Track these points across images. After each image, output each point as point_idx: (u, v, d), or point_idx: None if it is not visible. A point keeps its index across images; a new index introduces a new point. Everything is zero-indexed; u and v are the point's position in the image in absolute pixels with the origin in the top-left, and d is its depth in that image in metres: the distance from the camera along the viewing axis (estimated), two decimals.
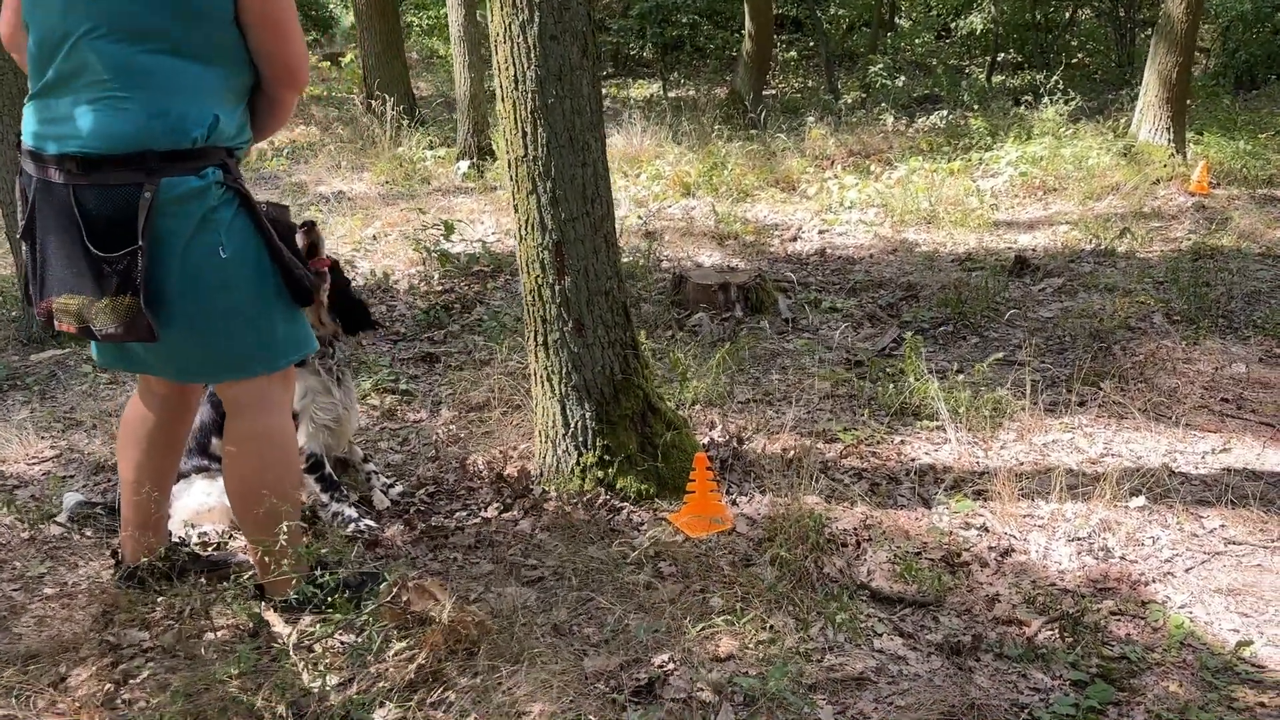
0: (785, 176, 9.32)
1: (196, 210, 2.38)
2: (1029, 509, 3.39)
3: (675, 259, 6.89)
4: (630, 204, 8.76)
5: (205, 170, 2.38)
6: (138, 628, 2.78)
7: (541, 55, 3.09)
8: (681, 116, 12.98)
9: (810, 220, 7.87)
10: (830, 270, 6.47)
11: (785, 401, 4.37)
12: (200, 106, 2.38)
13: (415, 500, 3.52)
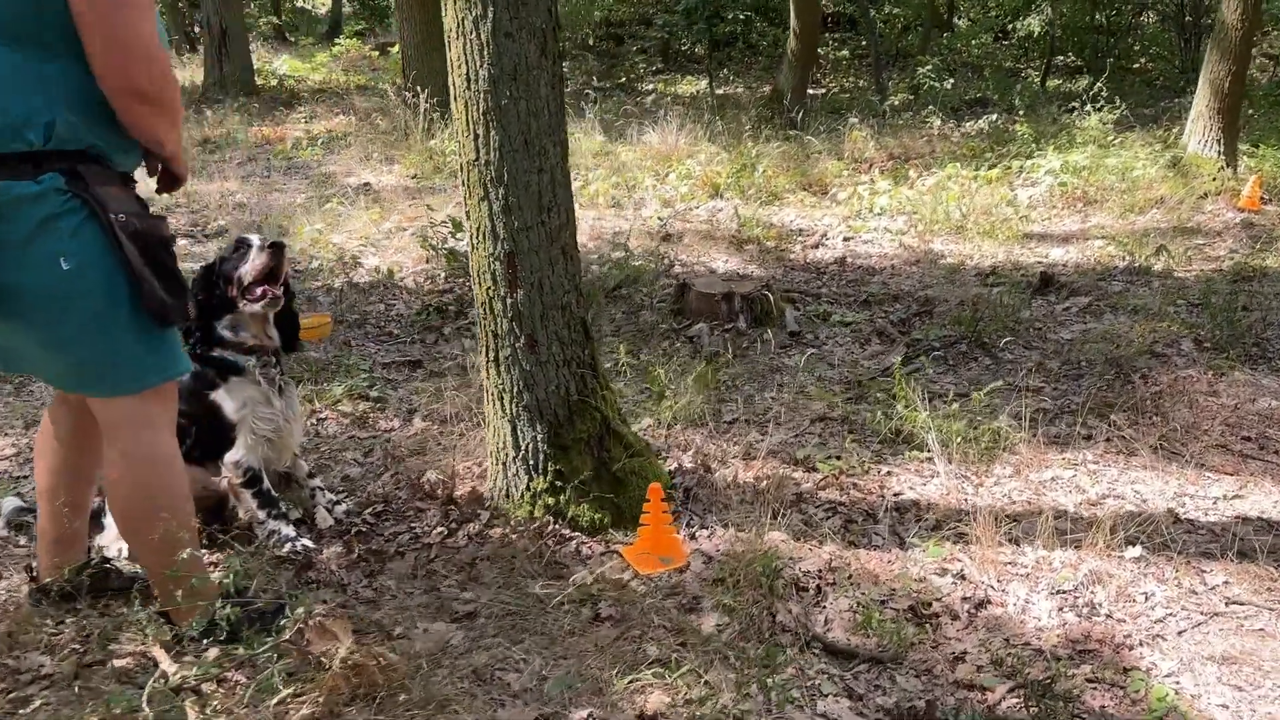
0: (818, 179, 9.05)
1: (32, 216, 2.18)
2: (1012, 555, 3.13)
3: (690, 264, 6.66)
4: (657, 204, 8.55)
5: (43, 176, 2.18)
6: (40, 651, 2.62)
7: (495, 53, 2.89)
8: (722, 115, 12.75)
9: (836, 226, 7.59)
10: (847, 280, 6.20)
11: (773, 423, 4.13)
12: (39, 106, 2.17)
13: (360, 520, 3.33)
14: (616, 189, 8.81)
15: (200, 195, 8.99)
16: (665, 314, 5.42)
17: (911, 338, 5.09)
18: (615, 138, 10.82)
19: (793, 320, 5.30)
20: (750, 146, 9.89)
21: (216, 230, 7.79)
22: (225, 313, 3.13)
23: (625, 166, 9.59)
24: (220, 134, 11.86)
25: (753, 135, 10.97)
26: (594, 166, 9.62)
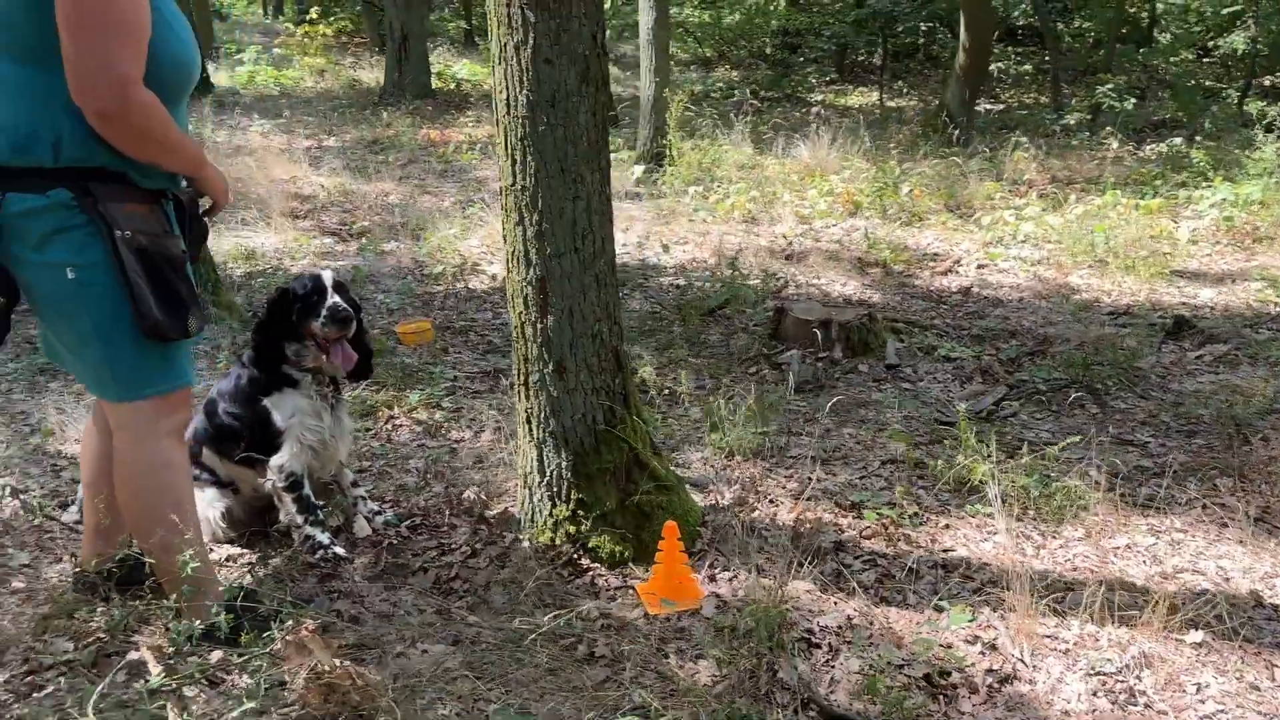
0: (967, 201, 8.69)
1: (38, 228, 2.31)
2: (1054, 628, 2.90)
3: (805, 285, 6.51)
4: (793, 220, 8.41)
5: (52, 190, 2.30)
6: (67, 638, 2.77)
7: (534, 79, 2.88)
8: (884, 129, 12.43)
9: (973, 253, 7.27)
10: (966, 312, 5.92)
11: (841, 462, 3.98)
12: (44, 122, 2.28)
13: (395, 532, 3.39)
14: (753, 203, 8.71)
15: (356, 195, 9.39)
16: (761, 338, 5.30)
17: (1016, 378, 4.80)
18: (764, 150, 10.70)
19: (893, 352, 5.09)
20: (899, 164, 9.59)
21: (360, 230, 8.10)
22: (294, 341, 3.23)
23: (768, 180, 9.47)
24: (388, 136, 12.35)
25: (908, 152, 10.65)
26: (736, 179, 9.54)
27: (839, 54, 18.89)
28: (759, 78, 18.20)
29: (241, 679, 2.52)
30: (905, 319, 5.64)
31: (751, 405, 4.01)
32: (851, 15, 16.59)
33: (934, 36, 19.24)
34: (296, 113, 14.04)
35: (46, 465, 3.91)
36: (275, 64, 18.40)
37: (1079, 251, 6.84)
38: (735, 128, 11.14)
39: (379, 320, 5.80)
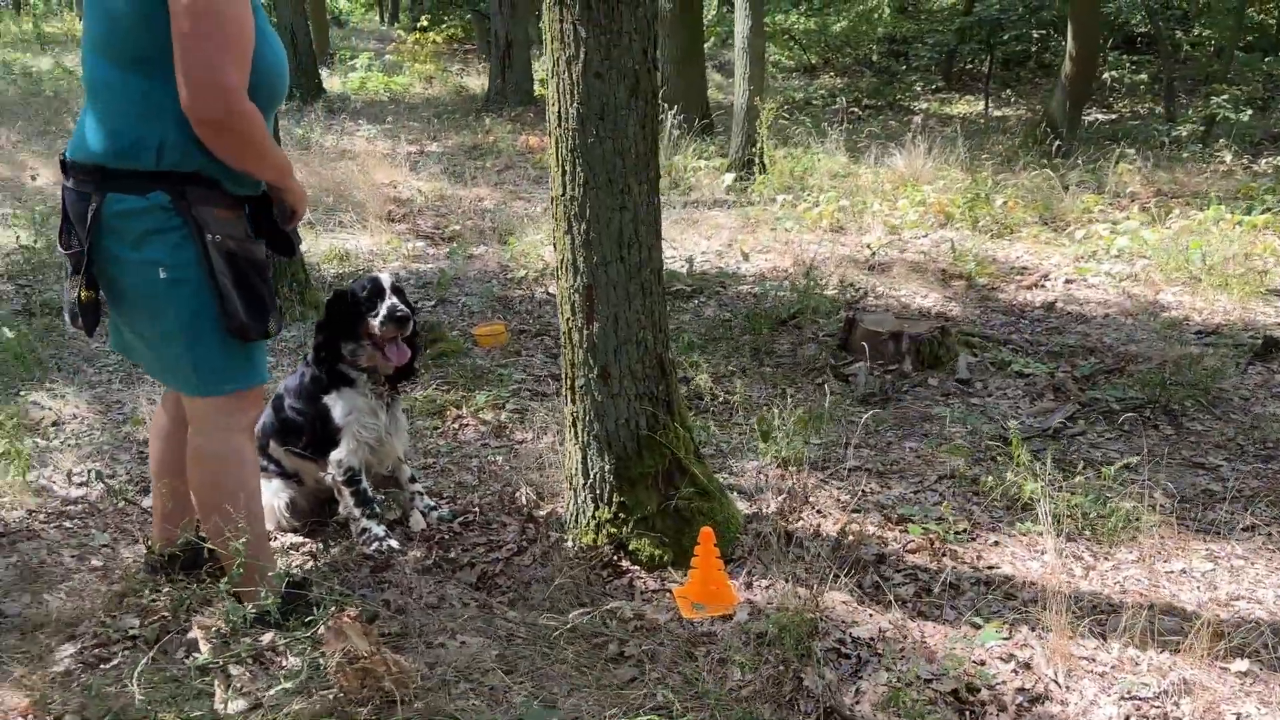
0: (1061, 214, 8.50)
1: (135, 228, 2.47)
2: (1093, 650, 2.86)
3: (884, 296, 6.47)
4: (881, 230, 8.35)
5: (151, 192, 2.46)
6: (134, 615, 2.96)
7: (584, 93, 2.97)
8: (985, 138, 12.22)
9: (1062, 267, 7.11)
10: (1046, 327, 5.81)
11: (898, 476, 3.97)
12: (150, 128, 2.44)
13: (448, 528, 3.51)
14: (842, 213, 8.67)
15: (452, 199, 9.64)
16: (830, 349, 5.30)
17: (1089, 396, 4.71)
18: (859, 159, 10.62)
19: (965, 366, 5.04)
20: (995, 174, 9.42)
21: (453, 234, 8.32)
22: (350, 340, 3.38)
23: (860, 189, 9.41)
24: (488, 142, 12.63)
25: (1007, 162, 10.46)
26: (827, 188, 9.50)
27: (946, 62, 18.61)
28: (862, 85, 18.04)
29: (287, 661, 2.65)
30: (981, 333, 5.57)
31: (802, 415, 4.02)
32: (957, 23, 16.30)
33: (1046, 44, 18.78)
34: (402, 118, 14.44)
35: (134, 452, 4.14)
36: (386, 70, 18.94)
37: (1172, 268, 6.64)
38: (830, 136, 11.09)
39: (459, 322, 5.97)
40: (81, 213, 2.49)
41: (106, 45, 2.46)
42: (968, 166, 9.93)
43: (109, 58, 2.46)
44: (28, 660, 2.70)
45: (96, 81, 2.50)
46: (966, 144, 10.65)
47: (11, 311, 5.70)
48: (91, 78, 2.51)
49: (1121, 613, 2.97)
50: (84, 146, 2.51)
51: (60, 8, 33.23)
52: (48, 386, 4.68)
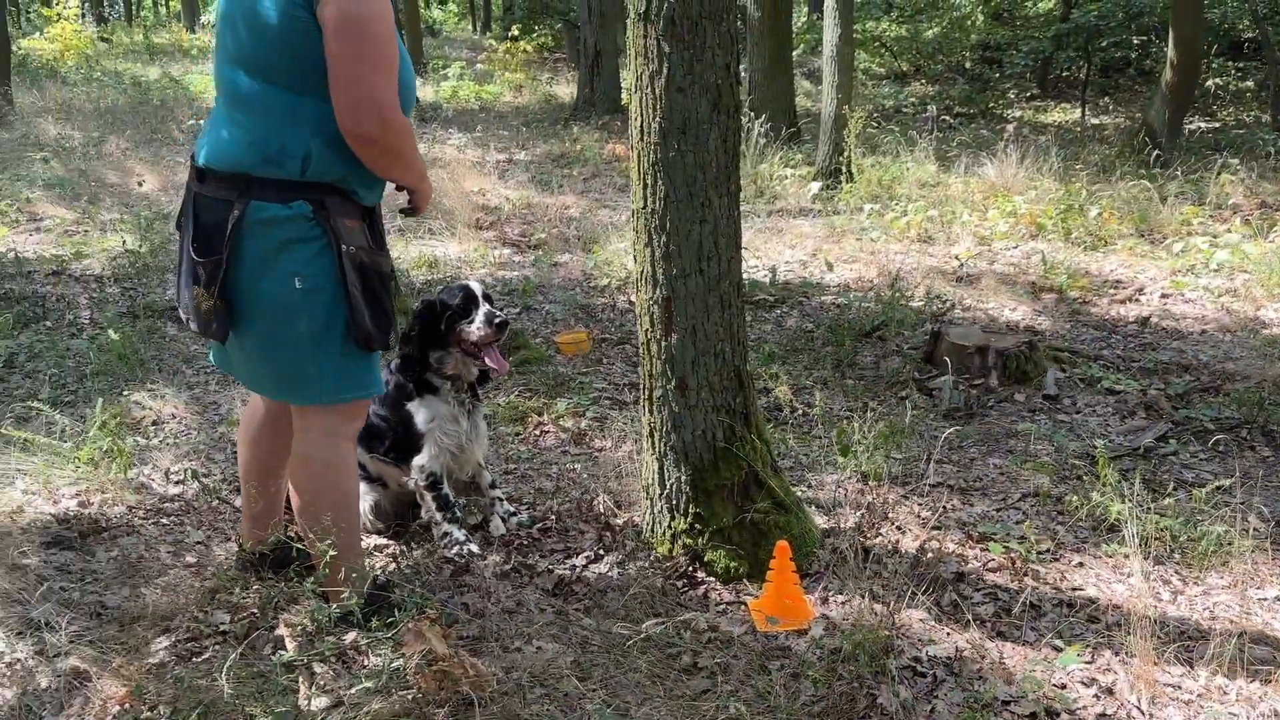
0: (1159, 226, 8.27)
1: (277, 236, 2.54)
2: (1179, 677, 2.78)
3: (973, 308, 6.37)
4: (970, 241, 8.23)
5: (294, 201, 2.54)
6: (225, 611, 3.06)
7: (667, 107, 3.00)
8: (1081, 148, 11.95)
9: (1158, 281, 6.92)
10: (1140, 343, 5.66)
11: (980, 493, 3.91)
12: (296, 139, 2.53)
13: (527, 534, 3.56)
14: (930, 223, 8.56)
15: (538, 207, 9.76)
16: (914, 362, 5.24)
17: (1182, 415, 4.58)
18: (949, 168, 10.48)
19: (1052, 382, 4.94)
20: (1090, 184, 9.21)
21: (538, 242, 8.42)
22: (439, 349, 3.46)
23: (949, 199, 9.28)
24: (575, 151, 12.75)
25: (1102, 172, 10.21)
26: (916, 198, 9.39)
27: (1041, 69, 18.23)
28: (954, 93, 17.78)
29: (368, 660, 2.72)
30: (1070, 348, 5.46)
31: (883, 429, 3.98)
32: (1054, 29, 15.95)
33: (1147, 50, 18.28)
34: (492, 127, 14.67)
35: (228, 452, 4.29)
36: (477, 79, 19.27)
37: (1274, 283, 6.42)
38: (919, 144, 10.96)
39: (542, 329, 6.05)
40: (221, 220, 2.55)
41: (250, 59, 2.55)
42: (1061, 176, 9.72)
43: (251, 71, 2.55)
44: (126, 651, 2.82)
45: (238, 92, 2.58)
46: (1061, 153, 10.43)
47: (117, 314, 5.94)
48: (232, 88, 2.59)
49: (1210, 640, 2.89)
50: (226, 154, 2.58)
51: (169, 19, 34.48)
52: (149, 387, 4.86)
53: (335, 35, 2.44)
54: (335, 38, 2.44)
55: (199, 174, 2.64)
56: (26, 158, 10.23)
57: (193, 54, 22.90)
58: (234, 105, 2.61)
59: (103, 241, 7.65)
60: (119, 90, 15.66)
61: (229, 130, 2.61)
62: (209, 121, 2.73)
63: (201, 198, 2.64)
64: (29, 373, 5.06)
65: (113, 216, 8.57)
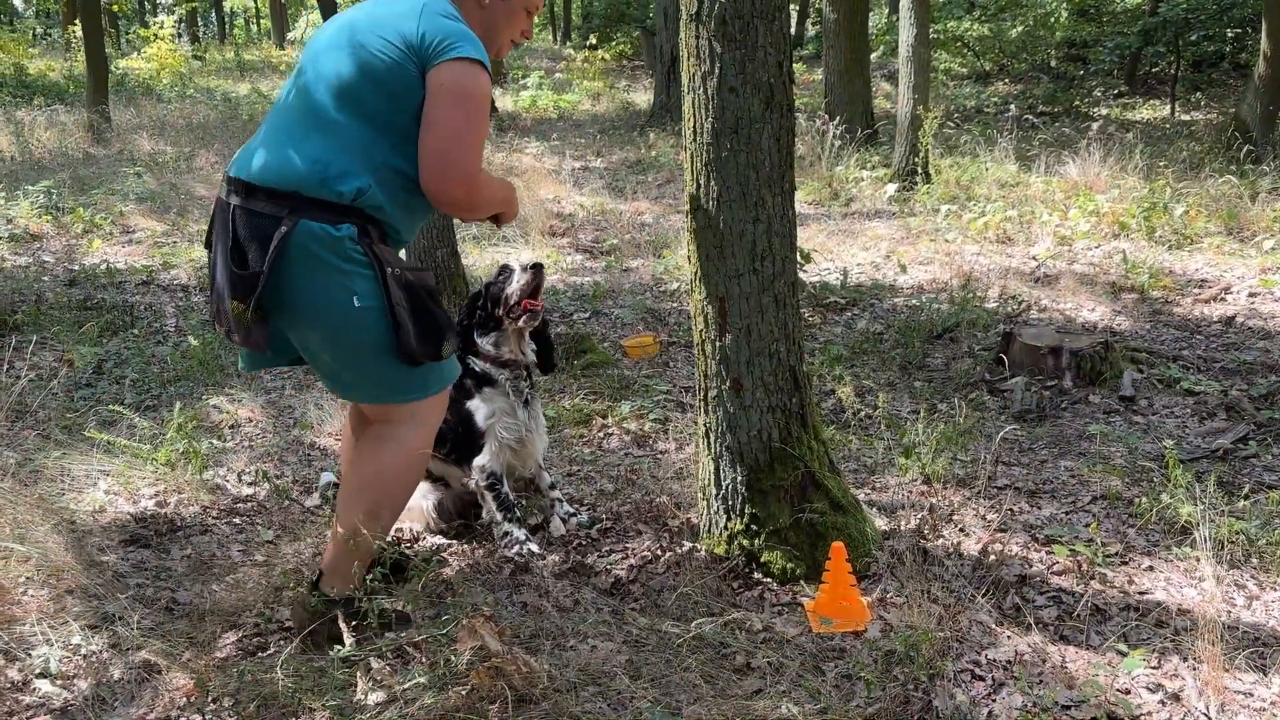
0: (1249, 223, 7.99)
1: (328, 256, 2.61)
2: (1251, 684, 2.69)
3: (1050, 309, 6.24)
4: (1051, 241, 8.06)
5: (343, 225, 2.62)
6: (290, 607, 3.14)
7: (719, 107, 3.00)
8: (1170, 145, 11.61)
9: (1246, 279, 6.69)
10: (1224, 343, 5.48)
11: (1049, 496, 3.83)
12: (359, 171, 2.63)
13: (586, 534, 3.59)
14: (1009, 223, 8.41)
15: (612, 214, 9.82)
16: (985, 363, 5.15)
17: (1265, 416, 4.42)
18: (1029, 167, 10.27)
19: (1129, 383, 4.81)
20: (1176, 181, 8.94)
21: (610, 247, 8.48)
22: (490, 330, 3.52)
23: (1029, 199, 9.10)
24: (650, 157, 12.80)
25: (1191, 169, 9.91)
26: (995, 198, 9.23)
27: (1129, 65, 17.76)
28: (1038, 92, 17.42)
29: (423, 656, 2.77)
30: (1148, 349, 5.31)
31: (946, 431, 3.92)
32: (1141, 24, 15.52)
33: (1242, 43, 17.68)
34: (569, 135, 14.80)
35: (301, 454, 4.40)
36: (556, 88, 19.45)
37: None
38: (999, 144, 10.77)
39: (610, 334, 6.08)
40: (265, 234, 2.61)
41: (348, 90, 2.65)
42: (1147, 174, 9.46)
43: (344, 101, 2.65)
44: (194, 645, 2.91)
45: (323, 115, 2.67)
46: (1147, 150, 10.15)
47: (200, 321, 6.13)
48: (317, 110, 2.68)
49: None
50: (284, 171, 2.65)
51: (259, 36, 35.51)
52: (227, 391, 5.02)
53: (441, 102, 2.60)
54: (441, 104, 2.60)
55: (245, 188, 2.69)
56: (121, 172, 10.62)
57: (281, 69, 23.55)
58: (310, 127, 2.69)
59: (190, 252, 7.91)
60: (211, 105, 16.18)
61: (293, 149, 2.68)
62: (258, 139, 2.79)
63: (243, 211, 2.68)
64: (116, 378, 5.25)
65: (200, 228, 8.85)
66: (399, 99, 2.63)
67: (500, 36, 2.96)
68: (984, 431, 4.36)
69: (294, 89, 2.79)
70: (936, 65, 19.26)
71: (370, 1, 2.80)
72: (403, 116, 2.64)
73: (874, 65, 16.63)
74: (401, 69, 2.61)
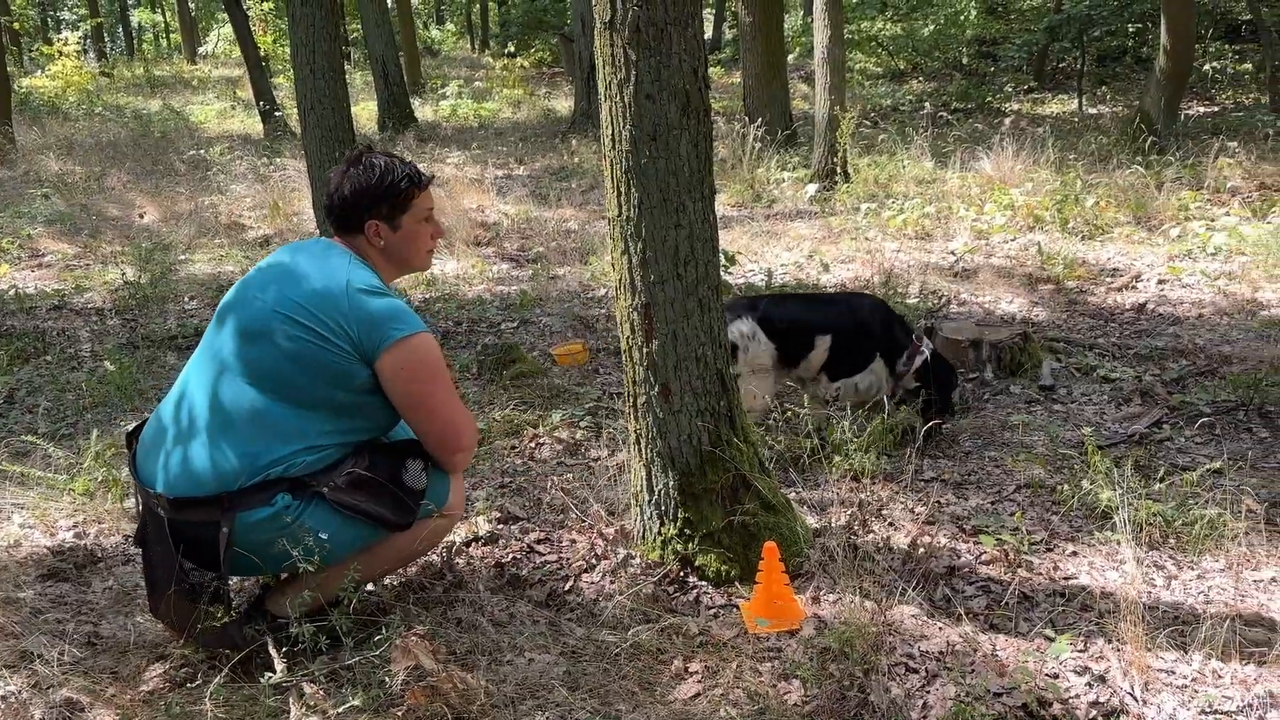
0: (1156, 212, 8.24)
1: (273, 527, 2.64)
2: (1173, 662, 2.77)
3: (970, 302, 6.36)
4: (968, 235, 8.22)
5: (277, 495, 2.63)
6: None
7: (636, 114, 3.00)
8: (1078, 138, 11.92)
9: (1155, 267, 6.90)
10: (1136, 330, 5.64)
11: (975, 487, 3.90)
12: (291, 450, 2.65)
13: (519, 545, 3.56)
14: (927, 219, 8.56)
15: (537, 221, 9.79)
16: None
17: (1179, 400, 4.56)
18: (945, 164, 10.46)
19: (1049, 373, 4.92)
20: (1087, 174, 9.18)
21: (536, 255, 8.45)
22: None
23: (946, 195, 9.28)
24: (573, 163, 12.78)
25: (1100, 161, 10.18)
26: (912, 195, 9.39)
27: (1038, 61, 18.20)
28: (951, 89, 17.76)
29: (357, 678, 2.73)
30: (1066, 338, 5.44)
31: (875, 427, 3.98)
32: (1046, 20, 15.93)
33: (1144, 37, 18.24)
34: (490, 143, 14.72)
35: None
36: (475, 97, 19.34)
37: (1272, 264, 6.39)
38: (915, 142, 10.96)
39: (539, 342, 6.06)
40: (210, 540, 2.62)
41: (270, 377, 2.66)
42: (1058, 167, 9.70)
43: (266, 388, 2.66)
44: (119, 680, 2.83)
45: (238, 407, 2.66)
46: (1058, 144, 10.42)
47: (117, 345, 5.98)
48: (231, 405, 2.66)
49: (1203, 623, 2.87)
50: (204, 479, 2.63)
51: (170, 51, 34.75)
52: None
53: (407, 380, 2.70)
54: (407, 381, 2.70)
55: (171, 504, 2.66)
56: (28, 194, 10.33)
57: (194, 85, 23.07)
58: (223, 423, 2.66)
59: (103, 274, 7.72)
60: (120, 124, 15.80)
61: (208, 451, 2.65)
62: (159, 440, 2.75)
63: (178, 523, 2.67)
64: (29, 407, 5.10)
65: (114, 249, 8.64)
66: (337, 380, 2.67)
67: (413, 256, 2.98)
68: (908, 426, 4.42)
69: (214, 370, 2.74)
70: (852, 66, 19.54)
71: (288, 273, 2.77)
72: (339, 394, 2.69)
73: (791, 67, 16.81)
74: (335, 353, 2.65)
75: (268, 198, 10.28)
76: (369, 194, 2.83)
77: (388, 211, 2.86)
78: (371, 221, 2.85)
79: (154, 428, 2.82)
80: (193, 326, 6.32)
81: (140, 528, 2.83)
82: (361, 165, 2.87)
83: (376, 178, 2.85)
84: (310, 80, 6.11)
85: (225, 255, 8.54)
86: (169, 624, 2.85)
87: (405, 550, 2.94)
